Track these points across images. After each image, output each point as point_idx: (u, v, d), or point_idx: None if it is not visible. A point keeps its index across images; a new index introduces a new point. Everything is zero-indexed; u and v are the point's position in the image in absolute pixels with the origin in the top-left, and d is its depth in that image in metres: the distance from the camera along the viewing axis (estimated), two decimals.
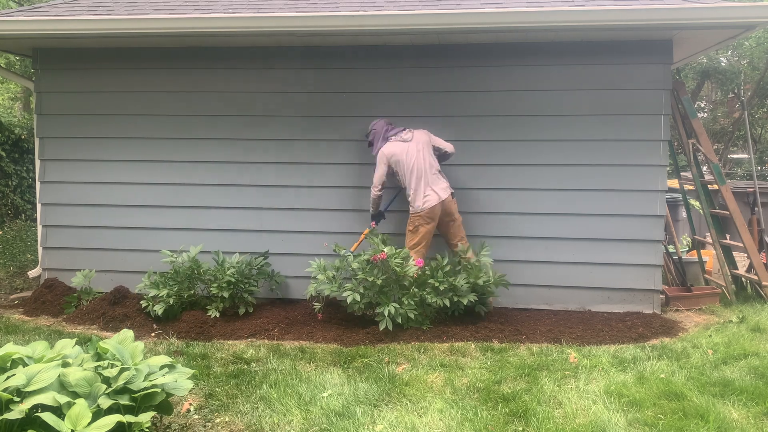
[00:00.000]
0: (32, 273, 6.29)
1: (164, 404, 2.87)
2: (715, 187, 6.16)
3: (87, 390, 2.66)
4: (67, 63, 5.96)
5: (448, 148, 5.30)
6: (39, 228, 6.11)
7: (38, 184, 6.06)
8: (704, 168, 7.83)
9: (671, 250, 6.45)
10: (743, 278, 6.17)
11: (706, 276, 6.48)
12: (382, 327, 4.70)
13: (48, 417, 2.44)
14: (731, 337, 4.61)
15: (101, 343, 3.01)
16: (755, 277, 5.83)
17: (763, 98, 13.93)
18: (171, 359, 3.09)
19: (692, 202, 7.19)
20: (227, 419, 3.27)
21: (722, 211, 6.08)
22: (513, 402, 3.42)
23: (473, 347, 4.48)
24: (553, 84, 5.48)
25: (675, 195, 8.03)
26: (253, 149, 5.79)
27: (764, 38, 12.44)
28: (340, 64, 5.67)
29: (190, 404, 3.43)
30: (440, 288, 4.87)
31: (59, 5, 5.81)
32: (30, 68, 7.63)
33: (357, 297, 4.76)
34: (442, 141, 5.31)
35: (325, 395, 3.52)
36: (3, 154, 8.52)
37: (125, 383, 2.71)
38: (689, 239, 7.72)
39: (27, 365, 2.78)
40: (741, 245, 5.89)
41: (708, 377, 3.81)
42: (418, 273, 4.96)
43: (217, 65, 5.79)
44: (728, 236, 6.33)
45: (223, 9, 5.39)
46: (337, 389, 3.62)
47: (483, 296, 5.08)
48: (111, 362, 2.88)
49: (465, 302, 4.90)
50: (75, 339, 3.19)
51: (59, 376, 2.68)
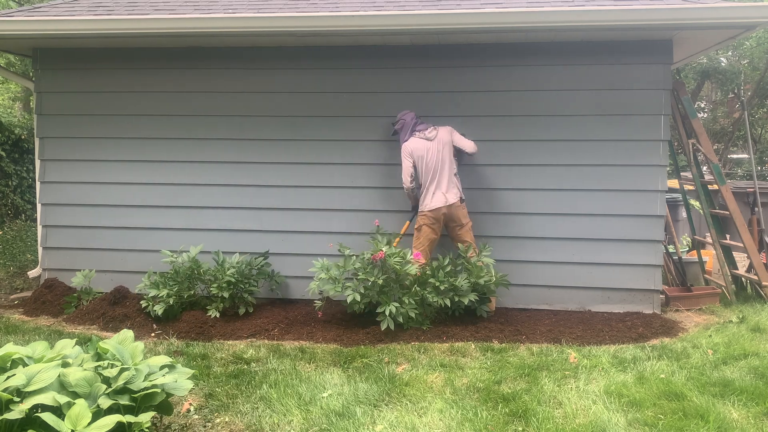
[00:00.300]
0: (32, 273, 6.29)
1: (164, 404, 2.87)
2: (715, 187, 6.16)
3: (87, 390, 2.66)
4: (67, 63, 5.96)
5: (468, 149, 5.22)
6: (39, 228, 6.11)
7: (38, 184, 6.06)
8: (704, 168, 7.83)
9: (671, 250, 6.45)
10: (743, 278, 6.17)
11: (706, 276, 6.48)
12: (384, 327, 4.70)
13: (48, 417, 2.44)
14: (731, 337, 4.61)
15: (101, 343, 3.01)
16: (755, 277, 5.83)
17: (763, 98, 13.92)
18: (171, 359, 3.09)
19: (692, 202, 7.18)
20: (227, 419, 3.27)
21: (722, 211, 6.08)
22: (513, 402, 3.42)
23: (473, 347, 4.48)
24: (553, 84, 5.48)
25: (675, 195, 8.03)
26: (253, 149, 5.79)
27: (764, 38, 12.44)
28: (341, 65, 5.67)
29: (190, 404, 3.43)
30: (441, 288, 4.88)
31: (59, 5, 5.81)
32: (30, 68, 7.63)
33: (357, 297, 4.76)
34: (464, 140, 5.25)
35: (325, 395, 3.52)
36: (3, 154, 8.52)
37: (125, 383, 2.71)
38: (689, 239, 7.72)
39: (27, 365, 2.78)
40: (741, 245, 5.89)
41: (708, 377, 3.81)
42: (420, 272, 4.97)
43: (217, 65, 5.79)
44: (728, 236, 6.33)
45: (223, 9, 5.39)
46: (337, 389, 3.62)
47: (484, 296, 5.08)
48: (111, 362, 2.88)
49: (466, 302, 4.90)
50: (75, 339, 3.20)
51: (59, 376, 2.68)
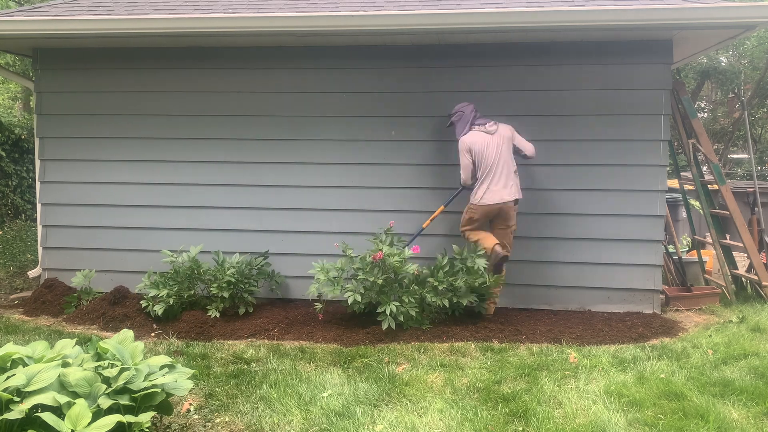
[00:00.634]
0: (32, 273, 6.29)
1: (164, 404, 2.87)
2: (715, 187, 6.16)
3: (87, 390, 2.67)
4: (67, 63, 5.96)
5: (527, 150, 5.09)
6: (39, 228, 6.11)
7: (38, 184, 6.07)
8: (704, 168, 7.83)
9: (671, 250, 6.45)
10: (743, 278, 6.17)
11: (706, 276, 6.48)
12: (385, 326, 4.69)
13: (48, 417, 2.44)
14: (731, 337, 4.61)
15: (101, 343, 3.01)
16: (755, 277, 5.83)
17: (763, 98, 13.92)
18: (171, 359, 3.09)
19: (692, 202, 7.19)
20: (227, 419, 3.27)
21: (722, 211, 6.08)
22: (513, 402, 3.42)
23: (473, 347, 4.48)
24: (553, 84, 5.48)
25: (675, 195, 8.03)
26: (253, 149, 5.79)
27: (764, 38, 12.44)
28: (341, 64, 5.67)
29: (190, 404, 3.43)
30: (440, 288, 4.88)
31: (59, 5, 5.81)
32: (30, 68, 7.63)
33: (358, 297, 4.76)
34: (525, 142, 5.10)
35: (325, 395, 3.52)
36: (3, 154, 8.52)
37: (125, 383, 2.71)
38: (689, 239, 7.72)
39: (27, 365, 2.78)
40: (741, 245, 5.89)
41: (708, 377, 3.81)
42: (419, 271, 4.96)
43: (217, 65, 5.79)
44: (728, 236, 6.34)
45: (223, 9, 5.39)
46: (337, 389, 3.62)
47: (482, 297, 5.08)
48: (111, 362, 2.88)
49: (464, 303, 4.91)
50: (75, 339, 3.20)
51: (59, 376, 2.68)
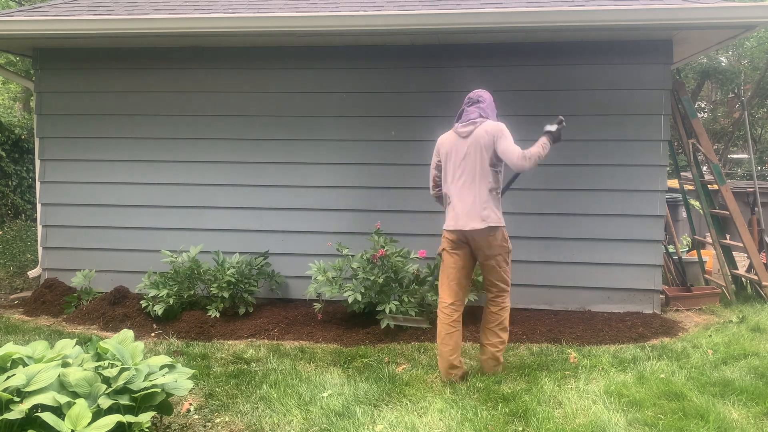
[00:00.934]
0: (32, 273, 6.29)
1: (164, 404, 2.87)
2: (715, 187, 6.16)
3: (87, 390, 2.66)
4: (67, 63, 5.96)
5: (511, 162, 3.59)
6: (39, 228, 6.11)
7: (38, 184, 6.07)
8: (704, 168, 7.83)
9: (671, 250, 6.45)
10: (743, 278, 6.17)
11: (706, 276, 6.48)
12: (384, 325, 4.70)
13: (48, 417, 2.44)
14: (731, 337, 4.61)
15: (101, 343, 3.01)
16: (755, 277, 5.83)
17: (763, 98, 13.92)
18: (171, 359, 3.09)
19: (692, 202, 7.19)
20: (227, 419, 3.27)
21: (722, 211, 6.08)
22: (513, 402, 3.42)
23: (473, 347, 4.47)
24: (553, 84, 5.48)
25: (675, 195, 8.03)
26: (253, 149, 5.79)
27: (764, 38, 12.44)
28: (341, 64, 5.67)
29: (190, 404, 3.43)
30: None
31: (59, 5, 5.81)
32: (30, 68, 7.63)
33: (358, 297, 4.76)
34: (511, 148, 3.60)
35: (325, 395, 3.52)
36: (3, 154, 8.52)
37: (125, 383, 2.71)
38: (689, 239, 7.72)
39: (27, 365, 2.78)
40: (741, 245, 5.89)
41: (708, 377, 3.80)
42: (419, 271, 4.97)
43: (217, 65, 5.79)
44: (728, 236, 6.34)
45: (223, 9, 5.40)
46: (337, 389, 3.62)
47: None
48: (111, 362, 2.88)
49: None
50: (75, 339, 3.19)
51: (59, 376, 2.68)
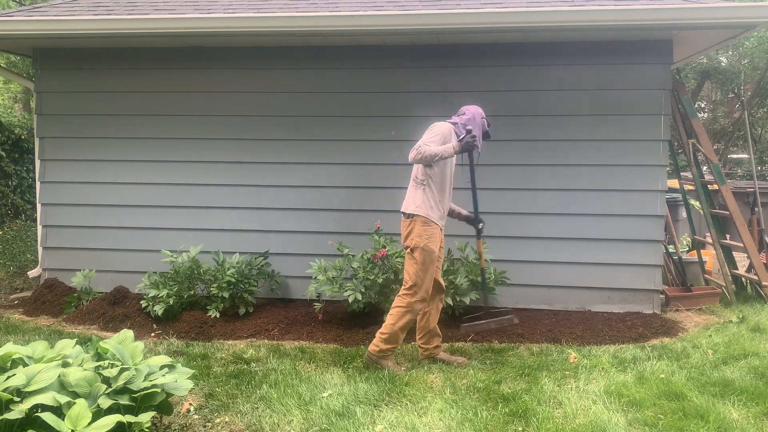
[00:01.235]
0: (32, 273, 6.29)
1: (164, 404, 2.87)
2: (715, 187, 6.16)
3: (87, 390, 2.66)
4: (67, 63, 5.96)
5: (410, 153, 3.90)
6: (39, 228, 6.11)
7: (38, 184, 6.07)
8: (704, 168, 7.83)
9: (671, 250, 6.45)
10: (743, 278, 6.17)
11: (706, 276, 6.48)
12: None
13: (48, 417, 2.43)
14: (731, 337, 4.61)
15: (101, 343, 3.01)
16: (755, 277, 5.83)
17: (763, 98, 13.92)
18: (171, 359, 3.09)
19: (692, 202, 7.19)
20: (227, 419, 3.27)
21: (722, 211, 6.08)
22: (513, 402, 3.42)
23: (473, 347, 4.48)
24: (553, 84, 5.48)
25: (675, 195, 8.03)
26: (253, 149, 5.79)
27: (764, 38, 12.43)
28: (341, 65, 5.67)
29: (190, 404, 3.43)
30: None
31: (59, 5, 5.81)
32: (30, 68, 7.63)
33: (358, 296, 4.76)
34: (421, 139, 3.95)
35: (325, 395, 3.52)
36: (3, 154, 8.52)
37: (125, 383, 2.71)
38: (689, 239, 7.72)
39: (27, 365, 2.78)
40: (741, 245, 5.89)
41: (708, 377, 3.80)
42: None
43: (217, 65, 5.79)
44: (728, 236, 6.34)
45: (223, 9, 5.40)
46: (337, 389, 3.62)
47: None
48: (111, 362, 2.88)
49: (467, 302, 4.89)
50: (75, 339, 3.19)
51: (59, 376, 2.68)
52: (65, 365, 2.83)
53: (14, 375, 2.63)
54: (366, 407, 3.35)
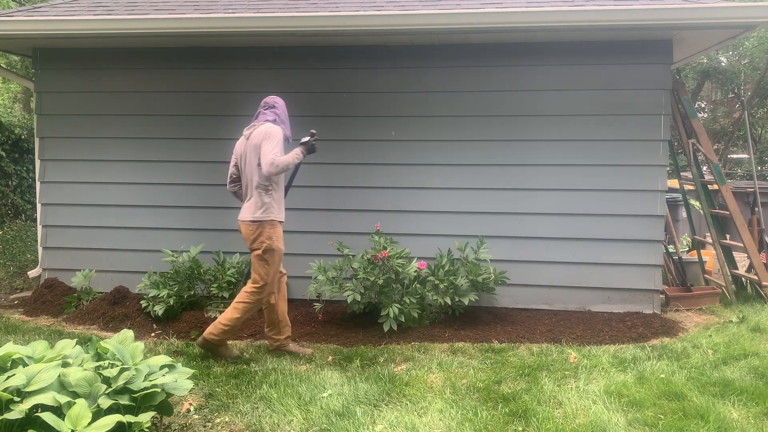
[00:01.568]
0: (32, 273, 6.29)
1: (164, 404, 2.87)
2: (715, 187, 6.16)
3: (87, 390, 2.66)
4: (67, 63, 5.96)
5: (263, 164, 3.92)
6: (39, 228, 6.11)
7: (38, 184, 6.07)
8: (704, 168, 7.83)
9: (671, 250, 6.45)
10: (743, 278, 6.17)
11: (706, 276, 6.48)
12: (387, 328, 4.68)
13: (48, 417, 2.44)
14: (731, 337, 4.61)
15: (101, 343, 3.01)
16: (755, 277, 5.83)
17: (763, 98, 13.92)
18: (171, 359, 3.09)
19: (692, 202, 7.19)
20: (227, 419, 3.27)
21: (722, 211, 6.08)
22: (513, 402, 3.42)
23: (473, 347, 4.48)
24: (553, 84, 5.48)
25: (675, 195, 8.03)
26: None
27: (764, 38, 12.44)
28: (341, 64, 5.67)
29: (190, 404, 3.43)
30: (441, 286, 4.88)
31: (59, 5, 5.81)
32: (30, 68, 7.63)
33: (358, 297, 4.76)
34: (268, 151, 3.92)
35: (325, 395, 3.52)
36: (3, 154, 8.52)
37: (125, 383, 2.71)
38: (689, 239, 7.72)
39: (27, 365, 2.78)
40: (741, 245, 5.89)
41: (708, 377, 3.81)
42: (418, 271, 4.96)
43: (217, 65, 5.79)
44: (728, 236, 6.34)
45: (223, 9, 5.39)
46: (337, 389, 3.62)
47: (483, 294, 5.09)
48: (111, 362, 2.88)
49: (466, 302, 4.90)
50: (75, 339, 3.19)
51: (59, 376, 2.68)
52: (65, 365, 2.83)
53: (14, 375, 2.63)
54: (366, 407, 3.35)
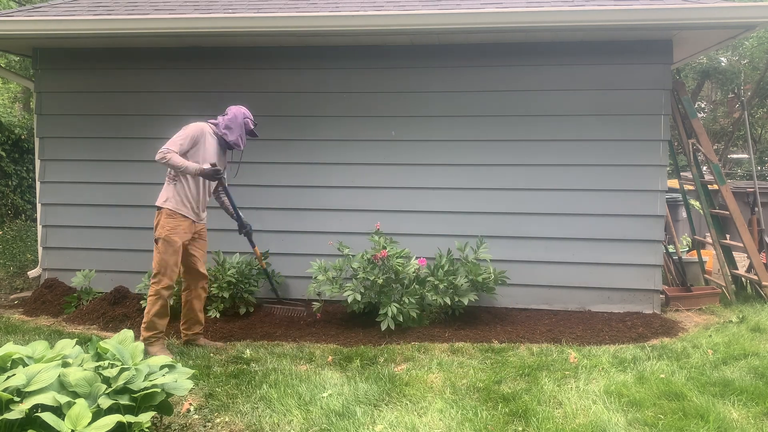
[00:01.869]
0: (32, 273, 6.29)
1: (164, 404, 2.86)
2: (715, 187, 6.16)
3: (87, 390, 2.66)
4: (67, 63, 5.96)
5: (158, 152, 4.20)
6: (39, 228, 6.12)
7: (38, 184, 6.07)
8: (704, 168, 7.83)
9: (671, 250, 6.45)
10: (743, 278, 6.17)
11: (706, 276, 6.48)
12: (384, 327, 4.70)
13: (48, 417, 2.43)
14: (731, 337, 4.61)
15: (101, 343, 3.01)
16: (755, 277, 5.83)
17: (763, 98, 13.92)
18: (171, 359, 3.09)
19: (692, 202, 7.18)
20: (227, 419, 3.27)
21: (722, 211, 6.08)
22: (513, 402, 3.42)
23: (473, 347, 4.48)
24: (553, 84, 5.48)
25: (675, 195, 8.03)
26: (253, 149, 5.77)
27: (764, 38, 12.43)
28: (341, 64, 5.67)
29: (190, 404, 3.43)
30: (440, 286, 4.88)
31: (59, 5, 5.81)
32: (30, 68, 7.64)
33: (358, 297, 4.76)
34: (169, 140, 4.25)
35: (325, 395, 3.52)
36: (3, 154, 8.51)
37: (125, 383, 2.71)
38: (689, 239, 7.72)
39: (27, 365, 2.78)
40: (741, 245, 5.89)
41: (708, 377, 3.80)
42: (418, 271, 4.97)
43: (217, 65, 5.79)
44: (728, 236, 6.33)
45: (223, 9, 5.40)
46: (337, 389, 3.62)
47: (483, 293, 5.09)
48: (111, 362, 2.88)
49: (465, 302, 4.90)
50: (75, 339, 3.19)
51: (59, 376, 2.68)
52: (65, 365, 2.83)
53: (14, 375, 2.63)
54: (366, 407, 3.35)
